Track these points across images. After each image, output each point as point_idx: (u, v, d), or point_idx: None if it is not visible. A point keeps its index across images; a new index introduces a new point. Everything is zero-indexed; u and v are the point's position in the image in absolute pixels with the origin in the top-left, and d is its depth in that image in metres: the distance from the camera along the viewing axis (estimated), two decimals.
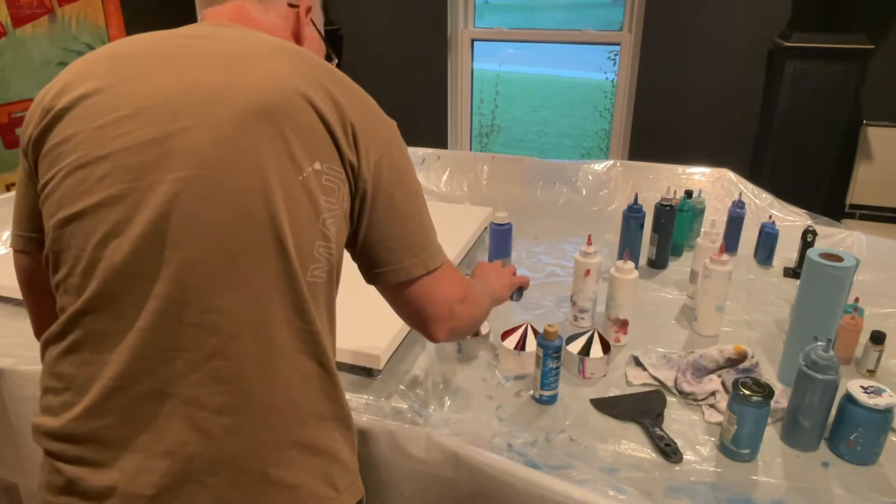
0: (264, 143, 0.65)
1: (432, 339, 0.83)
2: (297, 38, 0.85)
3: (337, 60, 0.92)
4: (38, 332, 0.81)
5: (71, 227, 0.66)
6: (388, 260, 0.75)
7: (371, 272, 0.78)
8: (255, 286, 0.65)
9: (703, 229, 1.43)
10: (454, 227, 1.64)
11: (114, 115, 0.66)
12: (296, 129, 0.66)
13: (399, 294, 0.79)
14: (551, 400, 1.08)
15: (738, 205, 1.63)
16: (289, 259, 0.66)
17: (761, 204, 1.87)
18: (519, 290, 1.15)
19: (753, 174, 2.82)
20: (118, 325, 0.65)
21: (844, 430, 0.95)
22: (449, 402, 1.07)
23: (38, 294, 0.79)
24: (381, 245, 0.75)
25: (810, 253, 1.06)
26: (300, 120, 0.66)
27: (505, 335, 1.19)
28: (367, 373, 1.12)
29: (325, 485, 0.70)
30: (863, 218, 2.91)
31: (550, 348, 1.03)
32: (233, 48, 0.70)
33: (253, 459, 0.66)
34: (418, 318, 0.81)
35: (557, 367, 1.06)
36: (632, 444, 0.98)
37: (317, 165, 0.67)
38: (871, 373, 1.14)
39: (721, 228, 1.59)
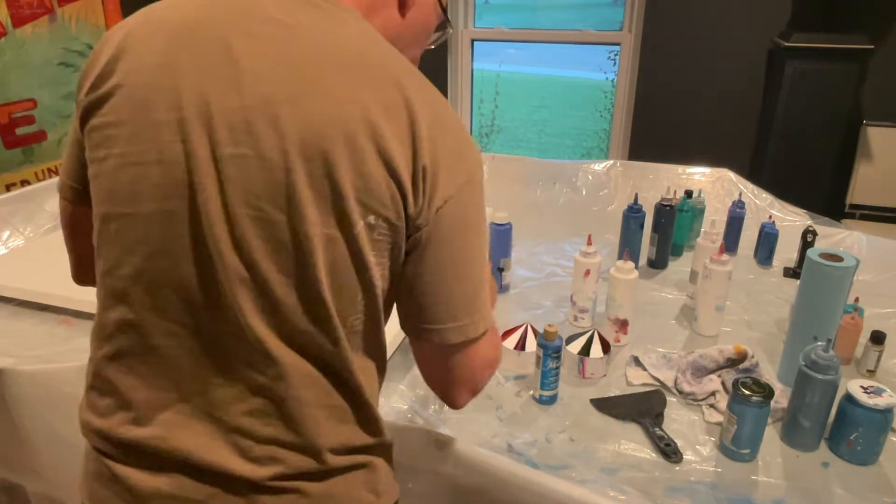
0: (310, 192, 0.59)
1: (453, 406, 0.74)
2: (403, 0, 0.72)
3: (451, 30, 0.83)
4: (76, 275, 0.81)
5: (120, 226, 0.64)
6: (425, 317, 0.67)
7: (404, 320, 0.70)
8: (296, 334, 0.63)
9: (703, 229, 1.43)
10: None
11: (169, 116, 0.61)
12: (355, 177, 0.58)
13: (426, 353, 0.71)
14: (551, 400, 1.08)
15: (738, 205, 1.63)
16: (327, 312, 0.62)
17: (761, 204, 1.87)
18: None
19: (753, 174, 2.82)
20: (168, 342, 0.64)
21: (844, 430, 0.95)
22: None
23: (78, 239, 0.78)
24: (421, 299, 0.66)
25: (810, 253, 1.07)
26: (362, 167, 0.58)
27: (505, 335, 1.19)
28: None
29: (368, 492, 0.70)
30: (863, 218, 2.91)
31: (550, 348, 1.04)
32: (306, 54, 0.60)
33: (297, 481, 0.66)
34: (441, 383, 0.73)
35: (557, 367, 1.06)
36: (632, 444, 0.99)
37: (371, 219, 0.60)
38: (871, 373, 1.14)
39: (721, 228, 1.59)
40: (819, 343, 0.95)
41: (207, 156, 0.60)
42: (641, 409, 1.05)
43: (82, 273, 0.81)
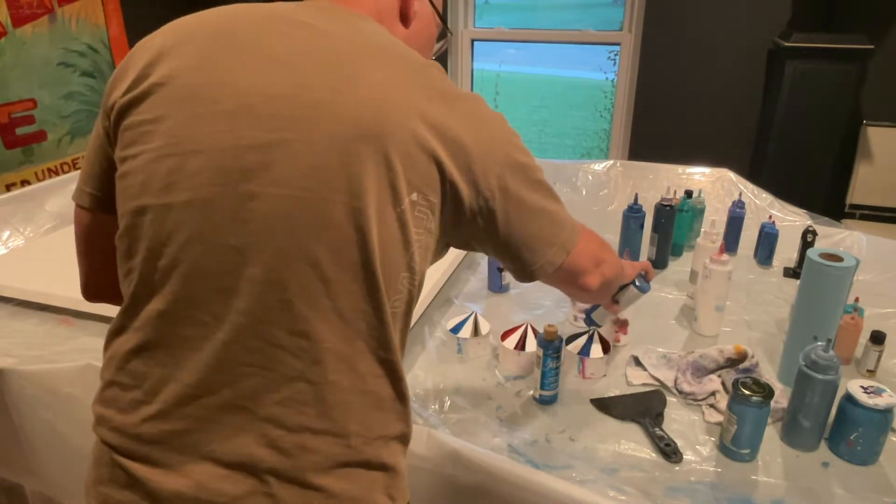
0: (368, 170, 0.61)
1: (587, 289, 0.83)
2: (405, 13, 0.77)
3: (451, 36, 0.88)
4: (86, 289, 0.81)
5: (155, 216, 0.64)
6: (532, 260, 0.75)
7: (520, 273, 0.77)
8: (345, 314, 0.63)
9: (703, 229, 1.43)
10: None
11: (211, 109, 0.63)
12: (402, 156, 0.62)
13: (549, 278, 0.79)
14: (551, 400, 1.08)
15: (738, 205, 1.63)
16: (378, 290, 0.64)
17: (761, 204, 1.87)
18: (642, 277, 1.05)
19: (753, 174, 2.83)
20: (198, 333, 0.63)
21: (844, 430, 0.95)
22: (449, 402, 1.07)
23: (94, 252, 0.78)
24: (523, 249, 0.74)
25: (810, 253, 1.07)
26: (406, 148, 0.62)
27: (505, 335, 1.19)
28: None
29: (385, 496, 0.70)
30: (863, 218, 2.92)
31: (550, 348, 1.04)
32: (339, 49, 0.65)
33: (323, 476, 0.65)
34: (569, 285, 0.82)
35: (557, 367, 1.06)
36: (632, 444, 0.99)
37: (414, 196, 0.63)
38: (871, 373, 1.14)
39: (721, 228, 1.59)
40: (819, 343, 0.95)
41: (254, 143, 0.61)
42: (641, 409, 1.05)
43: (93, 287, 0.81)
